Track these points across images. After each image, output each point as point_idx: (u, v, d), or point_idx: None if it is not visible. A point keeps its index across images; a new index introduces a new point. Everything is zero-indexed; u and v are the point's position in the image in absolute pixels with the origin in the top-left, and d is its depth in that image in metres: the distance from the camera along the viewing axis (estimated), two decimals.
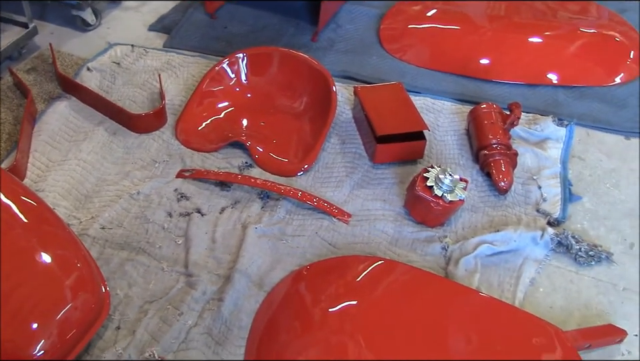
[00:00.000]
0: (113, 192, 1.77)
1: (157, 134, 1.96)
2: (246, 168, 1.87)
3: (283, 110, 2.05)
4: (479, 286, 1.57)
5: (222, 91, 2.06)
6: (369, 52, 2.36)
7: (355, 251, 1.65)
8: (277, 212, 1.72)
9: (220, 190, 1.79)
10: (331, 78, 1.99)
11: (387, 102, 1.95)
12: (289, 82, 2.07)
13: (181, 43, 2.37)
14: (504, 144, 1.84)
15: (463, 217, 1.75)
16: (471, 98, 2.16)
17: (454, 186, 1.64)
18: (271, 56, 2.07)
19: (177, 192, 1.77)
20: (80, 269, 1.41)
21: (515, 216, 1.75)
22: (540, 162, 1.90)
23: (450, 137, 2.00)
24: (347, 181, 1.84)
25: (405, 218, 1.74)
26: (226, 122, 2.00)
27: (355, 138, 1.98)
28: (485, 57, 2.29)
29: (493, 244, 1.65)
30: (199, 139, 1.94)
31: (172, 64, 2.24)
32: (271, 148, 1.92)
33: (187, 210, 1.73)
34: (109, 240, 1.64)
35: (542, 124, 2.03)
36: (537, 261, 1.65)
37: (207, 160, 1.88)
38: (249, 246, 1.62)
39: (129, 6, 2.59)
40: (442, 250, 1.66)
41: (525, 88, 2.22)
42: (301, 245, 1.65)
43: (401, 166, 1.90)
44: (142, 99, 2.09)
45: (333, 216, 1.73)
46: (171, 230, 1.68)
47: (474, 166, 1.90)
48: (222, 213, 1.72)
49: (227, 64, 2.06)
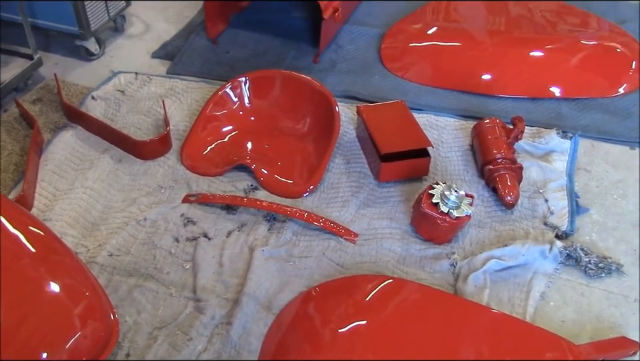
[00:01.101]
0: (119, 219, 1.78)
1: (162, 160, 1.98)
2: (251, 190, 1.88)
3: (287, 132, 2.06)
4: (488, 302, 1.56)
5: (226, 115, 2.08)
6: (371, 71, 2.38)
7: (363, 270, 1.65)
8: (284, 234, 1.73)
9: (226, 214, 1.80)
10: (333, 98, 2.01)
11: (390, 121, 1.96)
12: (292, 104, 2.09)
13: (184, 69, 2.40)
14: (509, 158, 1.85)
15: (470, 233, 1.75)
16: (474, 113, 2.17)
17: (460, 202, 1.64)
18: (273, 79, 2.10)
19: (183, 217, 1.78)
20: (88, 297, 1.42)
21: (523, 230, 1.75)
22: (546, 175, 1.91)
23: (454, 153, 2.01)
24: (353, 201, 1.84)
25: (412, 236, 1.74)
26: (230, 145, 2.02)
27: (359, 158, 1.99)
28: (487, 72, 2.30)
29: (501, 259, 1.64)
30: (204, 164, 1.96)
31: (176, 90, 2.26)
32: (275, 170, 1.93)
33: (193, 235, 1.73)
34: (117, 267, 1.65)
35: (546, 137, 2.03)
36: (546, 275, 1.64)
37: (212, 185, 1.90)
38: (257, 268, 1.62)
39: (132, 34, 2.62)
40: (450, 266, 1.66)
41: (528, 102, 2.23)
42: (308, 266, 1.66)
43: (406, 184, 1.90)
44: (147, 126, 2.11)
45: (340, 236, 1.73)
46: (178, 255, 1.68)
47: (479, 182, 1.91)
48: (229, 236, 1.73)
49: (230, 88, 2.09)
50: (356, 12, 2.69)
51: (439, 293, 1.56)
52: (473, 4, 2.58)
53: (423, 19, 2.55)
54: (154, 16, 2.74)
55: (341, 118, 2.02)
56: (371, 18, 2.66)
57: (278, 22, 2.63)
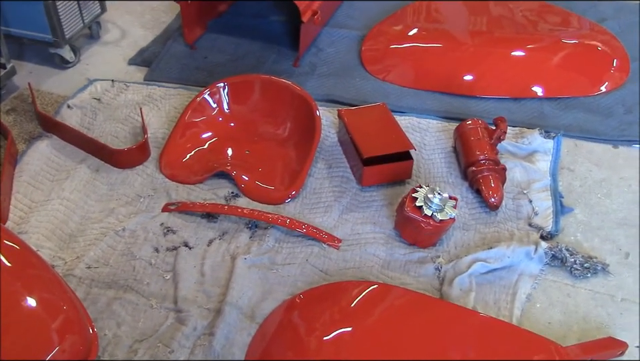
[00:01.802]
0: (97, 230, 1.77)
1: (140, 169, 1.96)
2: (232, 198, 1.87)
3: (267, 137, 2.06)
4: (474, 306, 1.57)
5: (205, 122, 2.07)
6: (352, 74, 2.38)
7: (347, 277, 1.65)
8: (266, 241, 1.72)
9: (207, 222, 1.79)
10: (314, 102, 2.01)
11: (372, 124, 1.96)
12: (272, 109, 2.08)
13: (161, 76, 2.39)
14: (492, 159, 1.86)
15: (455, 236, 1.75)
16: (456, 115, 2.18)
17: (443, 205, 1.64)
18: (252, 84, 2.09)
19: (163, 226, 1.77)
20: (66, 311, 1.40)
21: (508, 232, 1.76)
22: (529, 176, 1.92)
23: (437, 155, 2.02)
24: (336, 206, 1.84)
25: (396, 240, 1.74)
26: (210, 152, 2.01)
27: (341, 162, 1.99)
28: (469, 73, 2.31)
29: (486, 261, 1.65)
30: (183, 171, 1.95)
31: (153, 97, 2.25)
32: (256, 176, 1.92)
33: (174, 244, 1.72)
34: (95, 280, 1.63)
35: (529, 137, 2.05)
36: (532, 276, 1.65)
37: (192, 192, 1.89)
38: (239, 277, 1.61)
39: (107, 41, 2.60)
40: (435, 270, 1.66)
41: (510, 102, 2.24)
42: (291, 273, 1.65)
43: (389, 188, 1.90)
44: (124, 134, 2.09)
45: (323, 242, 1.73)
46: (158, 266, 1.67)
47: (463, 184, 1.91)
48: (210, 245, 1.72)
49: (209, 94, 2.08)
50: (336, 15, 2.69)
51: (425, 297, 1.56)
52: (454, 5, 2.59)
53: (404, 21, 2.56)
54: (130, 22, 2.72)
55: (322, 122, 2.01)
56: (351, 21, 2.66)
57: (257, 26, 2.63)
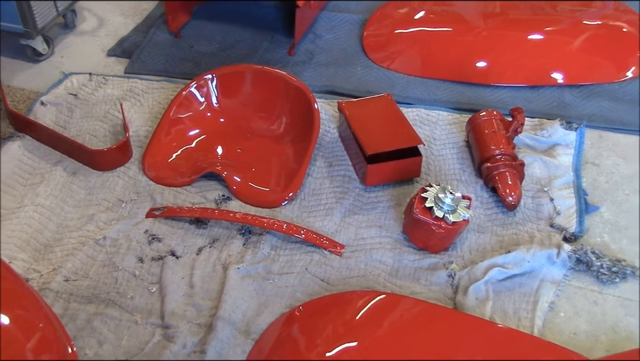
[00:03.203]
0: (75, 238, 1.76)
1: (122, 171, 1.96)
2: (223, 201, 1.87)
3: (261, 133, 2.06)
4: (492, 316, 1.56)
5: (191, 118, 2.06)
6: (353, 62, 2.38)
7: (351, 286, 1.64)
8: (261, 249, 1.72)
9: (195, 229, 1.79)
10: (311, 94, 2.00)
11: (376, 117, 1.96)
12: (265, 103, 2.08)
13: (143, 68, 2.39)
14: (508, 154, 1.85)
15: (469, 239, 1.75)
16: (468, 105, 2.18)
17: (456, 205, 1.64)
18: (243, 75, 2.09)
19: (147, 233, 1.77)
20: (42, 329, 1.41)
21: (527, 234, 1.75)
22: (550, 172, 1.91)
23: (448, 151, 2.01)
24: (338, 208, 1.84)
25: (405, 245, 1.74)
26: (198, 151, 2.01)
27: (343, 160, 1.99)
28: (482, 60, 2.31)
29: (504, 267, 1.64)
30: (169, 173, 1.94)
31: (135, 92, 2.25)
32: (249, 177, 1.92)
33: (159, 254, 1.72)
34: (74, 294, 1.63)
35: (549, 129, 2.04)
36: (554, 282, 1.64)
37: (179, 196, 1.88)
38: (232, 289, 1.61)
39: (84, 31, 2.60)
40: (448, 277, 1.65)
41: (528, 91, 2.24)
42: (289, 284, 1.65)
43: (396, 187, 1.90)
44: (104, 133, 2.09)
45: (324, 249, 1.72)
46: (143, 277, 1.67)
47: (477, 181, 1.91)
48: (199, 254, 1.72)
49: (195, 87, 2.08)
50: None
51: (437, 308, 1.56)
52: None
53: (409, 3, 2.56)
54: (108, 9, 2.72)
55: (321, 116, 2.01)
56: (351, 4, 2.66)
57: (247, 12, 2.62)
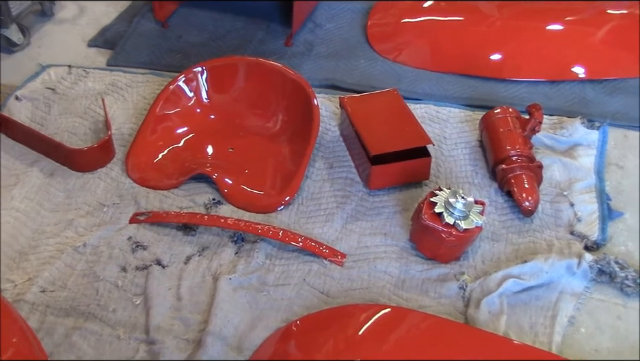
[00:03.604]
0: (53, 246, 1.78)
1: (103, 172, 1.97)
2: (214, 205, 1.88)
3: (255, 132, 2.07)
4: (507, 331, 1.57)
5: (179, 114, 2.08)
6: (356, 54, 2.40)
7: (353, 299, 1.65)
8: (255, 258, 1.73)
9: (183, 235, 1.80)
10: (310, 89, 2.02)
11: (381, 114, 1.97)
12: (260, 98, 2.10)
13: (127, 59, 2.40)
14: (525, 155, 1.87)
15: (482, 248, 1.76)
16: (482, 102, 2.19)
17: (468, 211, 1.65)
18: (236, 68, 2.10)
19: (131, 240, 1.78)
20: (16, 345, 1.41)
21: (545, 242, 1.77)
22: (570, 174, 1.93)
23: (460, 151, 2.03)
24: (339, 213, 1.85)
25: (412, 254, 1.75)
26: (186, 151, 2.02)
27: (345, 161, 2.00)
28: (496, 52, 2.33)
29: (520, 278, 1.65)
30: (154, 174, 1.96)
31: (118, 86, 2.26)
32: (242, 179, 1.93)
33: (144, 263, 1.73)
34: (51, 306, 1.64)
35: (569, 127, 2.06)
36: (575, 295, 1.65)
37: (165, 200, 1.90)
38: (223, 301, 1.62)
39: (63, 19, 2.61)
40: (459, 289, 1.67)
41: (546, 86, 2.25)
42: (286, 296, 1.66)
43: (402, 191, 1.92)
44: (84, 130, 2.11)
45: (324, 258, 1.74)
46: (126, 288, 1.68)
47: (491, 185, 1.92)
48: (187, 263, 1.73)
49: (184, 81, 2.09)
50: None
51: (447, 323, 1.57)
52: None
53: None
54: None
55: (321, 113, 2.03)
56: None
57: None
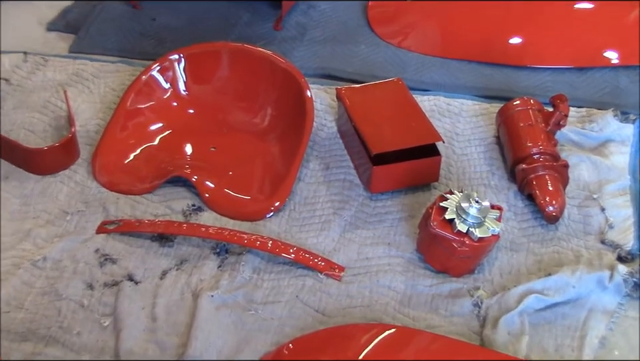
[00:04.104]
0: (8, 260, 1.77)
1: (66, 175, 1.97)
2: (193, 212, 1.88)
3: (241, 128, 2.08)
4: (528, 354, 1.57)
5: (154, 108, 2.08)
6: (355, 39, 2.40)
7: (353, 318, 1.65)
8: (241, 272, 1.72)
9: (159, 247, 1.79)
10: (303, 79, 2.01)
11: (384, 107, 1.97)
12: (246, 90, 2.09)
13: (93, 46, 2.40)
14: (549, 153, 1.86)
15: (500, 259, 1.76)
16: (499, 92, 2.20)
17: (483, 217, 1.64)
18: (218, 55, 2.10)
19: (98, 253, 1.78)
20: None
21: (572, 253, 1.77)
22: (601, 175, 1.93)
23: (474, 149, 2.03)
24: (336, 221, 1.85)
25: (420, 267, 1.75)
26: (162, 150, 2.02)
27: (342, 161, 2.00)
28: (516, 35, 2.33)
29: (543, 293, 1.65)
30: (125, 177, 1.96)
31: (83, 76, 2.26)
32: (226, 182, 1.93)
33: (114, 278, 1.73)
34: (6, 329, 1.63)
35: (600, 121, 2.06)
36: (606, 313, 1.65)
37: (138, 206, 1.89)
38: (204, 322, 1.61)
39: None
40: (474, 307, 1.66)
41: (573, 74, 2.26)
42: (276, 315, 1.65)
43: (408, 195, 1.92)
44: (43, 127, 2.10)
45: (319, 272, 1.73)
46: (93, 308, 1.67)
47: (510, 187, 1.92)
48: (163, 278, 1.72)
49: (158, 70, 2.09)
50: None
51: (460, 344, 1.56)
52: None
53: None
54: None
55: (316, 107, 2.02)
56: None
57: None
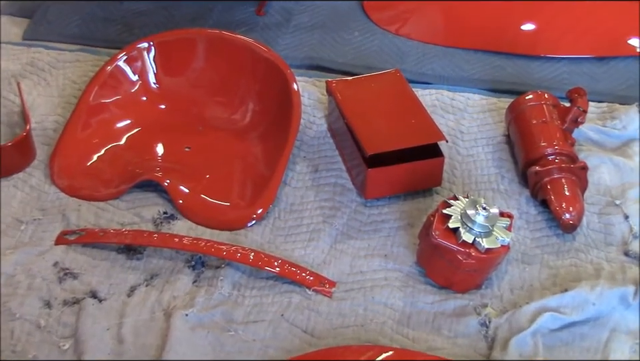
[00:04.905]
0: None
1: (20, 178, 1.98)
2: (165, 221, 1.89)
3: (218, 125, 2.09)
4: None
5: (120, 103, 2.09)
6: (348, 25, 2.41)
7: (345, 339, 1.66)
8: (219, 288, 1.73)
9: (126, 260, 1.80)
10: (289, 70, 2.02)
11: (380, 102, 1.99)
12: (224, 82, 2.11)
13: (51, 32, 2.41)
14: (565, 154, 1.88)
15: (510, 273, 1.78)
16: (509, 85, 2.22)
17: (491, 226, 1.65)
18: (193, 44, 2.11)
19: (57, 267, 1.78)
20: None
21: (592, 266, 1.78)
22: (624, 178, 1.95)
23: (481, 149, 2.05)
24: (326, 230, 1.86)
25: (420, 282, 1.76)
26: (130, 151, 2.03)
27: (333, 162, 2.02)
28: (528, 20, 2.36)
29: (559, 311, 1.66)
30: (88, 181, 1.96)
31: (39, 66, 2.27)
32: (202, 186, 1.94)
33: (75, 296, 1.73)
34: None
35: (623, 117, 2.08)
36: (631, 333, 1.66)
37: (103, 214, 1.90)
38: (178, 343, 1.62)
39: None
40: (481, 326, 1.67)
41: (593, 65, 2.28)
42: (259, 336, 1.66)
43: (407, 201, 1.93)
44: None
45: (307, 287, 1.74)
46: (51, 329, 1.67)
47: (522, 192, 1.94)
48: (131, 295, 1.73)
49: (125, 60, 2.09)
50: None
51: None
52: None
53: None
54: None
55: (303, 102, 2.04)
56: None
57: None
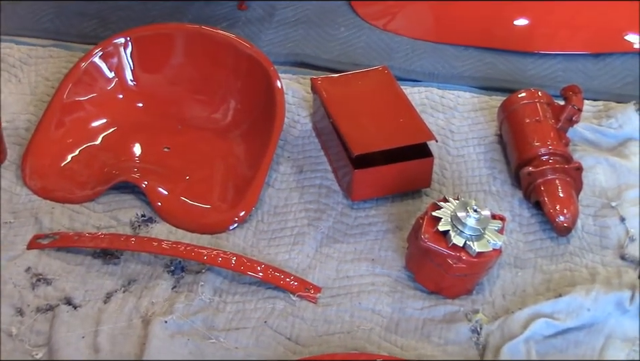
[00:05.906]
0: None
1: None
2: (143, 224, 1.90)
3: (199, 125, 2.10)
4: None
5: (96, 101, 2.09)
6: (334, 20, 2.43)
7: (331, 347, 1.67)
8: (199, 294, 1.74)
9: (102, 265, 1.81)
10: (272, 67, 2.03)
11: (367, 101, 2.00)
12: (204, 80, 2.11)
13: (21, 26, 2.41)
14: (559, 154, 1.90)
15: (503, 277, 1.79)
16: (502, 83, 2.24)
17: (483, 229, 1.66)
18: (172, 39, 2.12)
19: (30, 272, 1.78)
20: None
21: (587, 270, 1.80)
22: (620, 179, 1.96)
23: (472, 149, 2.07)
24: (311, 233, 1.87)
25: (409, 287, 1.78)
26: (106, 151, 2.04)
27: (319, 163, 2.03)
28: (522, 15, 2.37)
29: (553, 317, 1.68)
30: (62, 183, 1.97)
31: (9, 62, 2.27)
32: (182, 188, 1.95)
33: (48, 302, 1.73)
34: None
35: (619, 116, 2.10)
36: (627, 340, 1.67)
37: (77, 217, 1.91)
38: (157, 352, 1.62)
39: None
40: (472, 333, 1.69)
41: (589, 61, 2.30)
42: (241, 344, 1.66)
43: (396, 203, 1.95)
44: None
45: (292, 293, 1.75)
46: (23, 338, 1.67)
47: (514, 193, 1.96)
48: (108, 302, 1.73)
49: (101, 56, 2.09)
50: None
51: None
52: None
53: None
54: None
55: (287, 100, 2.06)
56: None
57: None
